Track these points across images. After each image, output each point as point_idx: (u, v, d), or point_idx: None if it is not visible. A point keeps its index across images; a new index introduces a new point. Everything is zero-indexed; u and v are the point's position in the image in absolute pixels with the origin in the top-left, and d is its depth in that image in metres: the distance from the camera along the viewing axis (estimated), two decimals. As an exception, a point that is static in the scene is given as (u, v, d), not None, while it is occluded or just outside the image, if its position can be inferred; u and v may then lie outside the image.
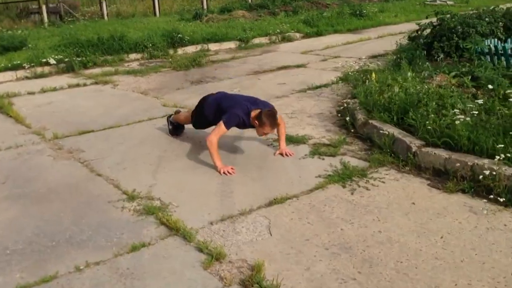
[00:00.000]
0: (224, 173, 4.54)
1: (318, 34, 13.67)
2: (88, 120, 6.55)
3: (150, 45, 11.05)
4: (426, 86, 5.54)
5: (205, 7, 21.20)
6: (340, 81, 7.61)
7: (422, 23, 8.88)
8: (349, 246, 3.25)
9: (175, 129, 5.73)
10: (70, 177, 4.69)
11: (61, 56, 9.93)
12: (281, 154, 4.95)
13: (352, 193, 4.01)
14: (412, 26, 14.37)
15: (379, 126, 5.00)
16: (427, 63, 7.21)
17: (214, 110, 4.93)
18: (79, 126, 6.23)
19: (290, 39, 13.16)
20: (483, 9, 9.32)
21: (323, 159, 4.80)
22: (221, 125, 4.66)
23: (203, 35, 12.23)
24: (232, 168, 4.60)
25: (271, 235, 3.45)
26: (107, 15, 19.23)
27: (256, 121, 4.61)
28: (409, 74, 6.08)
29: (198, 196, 4.14)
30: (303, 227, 3.53)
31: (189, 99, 7.53)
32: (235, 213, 3.80)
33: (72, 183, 4.54)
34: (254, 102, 4.84)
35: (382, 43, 11.56)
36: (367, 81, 6.54)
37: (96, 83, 8.88)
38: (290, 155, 4.92)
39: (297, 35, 13.45)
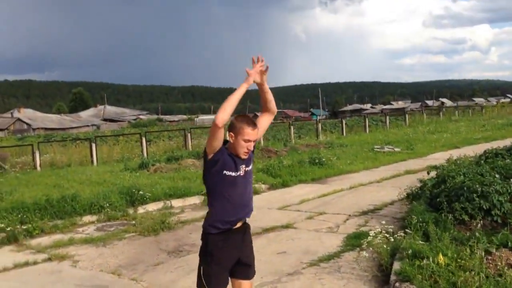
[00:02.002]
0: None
1: (284, 185, 12.76)
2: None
3: (107, 204, 9.50)
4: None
5: (145, 154, 20.21)
6: (362, 252, 6.39)
7: (423, 179, 8.21)
8: None
9: None
10: None
11: (1, 225, 8.10)
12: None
13: None
14: (374, 174, 14.06)
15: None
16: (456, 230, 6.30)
17: None
18: None
19: (256, 191, 12.07)
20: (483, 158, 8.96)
21: None
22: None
23: (164, 190, 10.90)
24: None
25: None
26: (40, 165, 17.59)
27: (231, 134, 3.62)
28: (473, 251, 5.03)
29: None
30: None
31: (179, 280, 6.02)
32: None
33: None
34: None
35: (361, 196, 10.76)
36: (409, 256, 5.41)
37: (50, 259, 7.11)
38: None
39: (263, 186, 12.47)
